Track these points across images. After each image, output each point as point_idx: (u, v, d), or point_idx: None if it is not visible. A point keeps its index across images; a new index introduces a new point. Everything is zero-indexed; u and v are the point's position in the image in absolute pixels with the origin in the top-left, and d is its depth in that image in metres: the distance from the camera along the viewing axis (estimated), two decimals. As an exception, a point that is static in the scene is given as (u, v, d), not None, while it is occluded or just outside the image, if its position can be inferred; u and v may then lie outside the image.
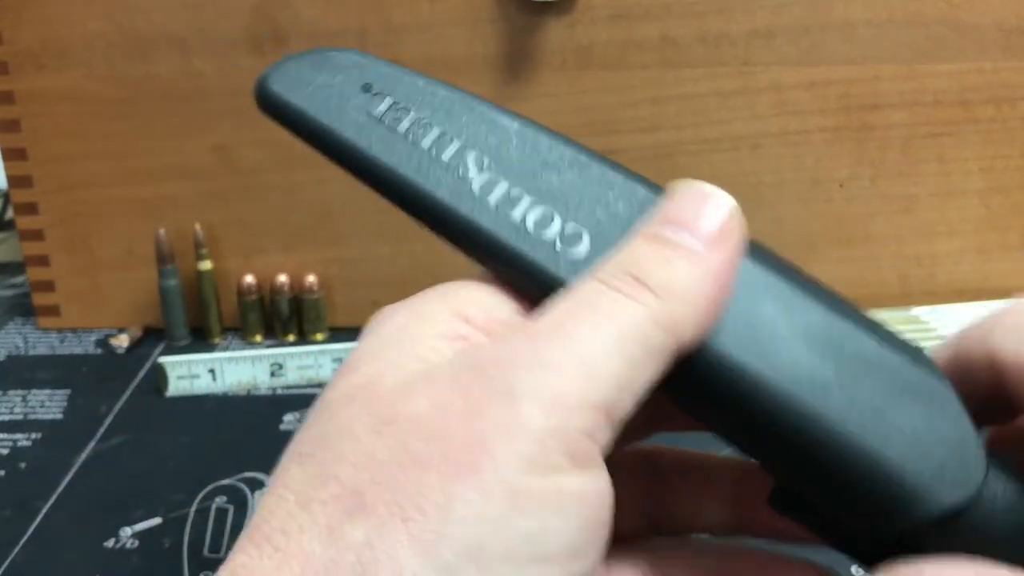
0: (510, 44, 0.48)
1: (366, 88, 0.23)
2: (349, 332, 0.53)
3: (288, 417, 0.45)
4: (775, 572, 0.24)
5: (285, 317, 0.52)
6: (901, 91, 0.48)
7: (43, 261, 0.53)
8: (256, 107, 0.24)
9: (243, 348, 0.52)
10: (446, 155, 0.22)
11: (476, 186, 0.21)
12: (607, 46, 0.48)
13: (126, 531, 0.37)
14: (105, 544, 0.36)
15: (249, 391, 0.48)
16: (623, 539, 0.21)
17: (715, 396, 0.20)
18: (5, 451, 0.43)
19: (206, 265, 0.52)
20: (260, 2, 0.48)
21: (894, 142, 0.49)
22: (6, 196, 0.70)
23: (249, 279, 0.52)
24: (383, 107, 0.23)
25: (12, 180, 0.52)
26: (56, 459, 0.42)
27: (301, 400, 0.47)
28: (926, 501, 0.19)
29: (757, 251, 0.22)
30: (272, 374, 0.48)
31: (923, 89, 0.48)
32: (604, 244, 0.20)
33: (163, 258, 0.51)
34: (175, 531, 0.37)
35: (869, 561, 0.20)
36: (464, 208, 0.21)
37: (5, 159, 0.52)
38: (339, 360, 0.48)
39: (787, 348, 0.20)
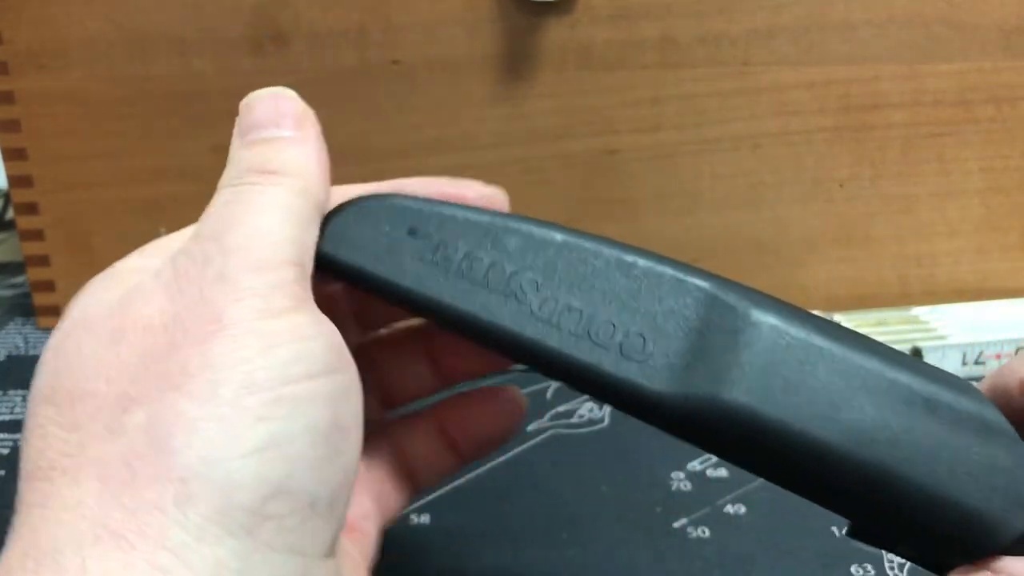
0: (510, 44, 0.48)
1: (412, 232, 0.24)
2: (349, 332, 0.53)
3: (288, 417, 0.45)
4: (477, 406, 0.29)
5: (285, 317, 0.52)
6: (901, 91, 0.48)
7: (43, 261, 0.53)
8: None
9: (243, 348, 0.52)
10: (500, 283, 0.23)
11: (535, 307, 0.22)
12: (607, 46, 0.48)
13: (126, 531, 0.37)
14: (105, 544, 0.36)
15: (249, 391, 0.48)
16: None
17: (791, 465, 0.21)
18: (5, 451, 0.43)
19: (206, 265, 0.52)
20: (260, 2, 0.48)
21: (894, 142, 0.49)
22: (6, 196, 0.70)
23: (249, 279, 0.52)
24: (432, 248, 0.24)
25: (12, 180, 0.52)
26: (56, 459, 0.42)
27: (301, 400, 0.47)
28: (1002, 530, 0.20)
29: (795, 316, 0.22)
30: (272, 374, 0.48)
31: (923, 89, 0.48)
32: (664, 340, 0.22)
33: (163, 258, 0.51)
34: (175, 531, 0.37)
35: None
36: (529, 331, 0.22)
37: (5, 159, 0.52)
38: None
39: (847, 408, 0.21)
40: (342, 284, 0.26)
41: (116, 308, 0.21)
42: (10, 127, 0.51)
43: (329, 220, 0.24)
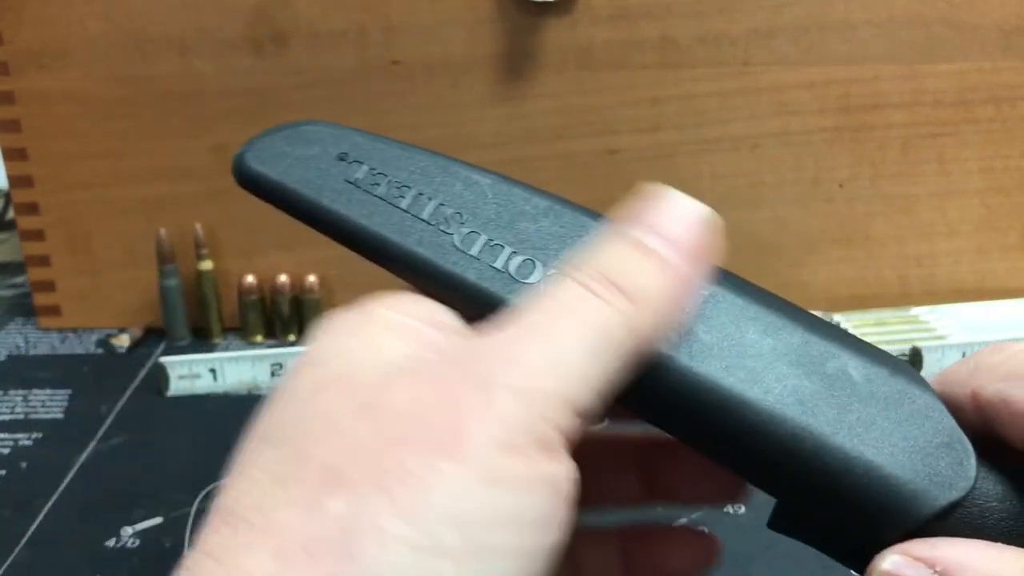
0: (510, 44, 0.48)
1: (342, 157, 0.24)
2: (349, 332, 0.53)
3: (288, 417, 0.45)
4: (674, 543, 0.27)
5: (285, 317, 0.52)
6: (901, 91, 0.48)
7: (44, 261, 0.53)
8: (237, 175, 0.25)
9: (244, 348, 0.52)
10: (425, 214, 0.23)
11: (457, 240, 0.22)
12: (607, 46, 0.48)
13: (127, 531, 0.37)
14: (106, 544, 0.36)
15: (250, 391, 0.48)
16: None
17: (706, 421, 0.21)
18: (6, 451, 0.43)
19: (206, 265, 0.52)
20: (260, 2, 0.48)
21: (894, 142, 0.49)
22: (7, 196, 0.70)
23: (249, 279, 0.52)
24: (360, 174, 0.24)
25: (13, 180, 0.52)
26: (57, 459, 0.42)
27: (301, 400, 0.47)
28: (923, 504, 0.19)
29: (731, 281, 0.22)
30: (273, 374, 0.48)
31: (923, 89, 0.48)
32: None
33: (163, 258, 0.51)
34: (176, 531, 0.37)
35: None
36: (447, 262, 0.22)
37: (6, 159, 0.52)
38: (339, 360, 0.48)
39: (773, 370, 0.21)
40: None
41: (382, 383, 0.19)
42: (10, 127, 0.51)
43: (262, 136, 0.24)
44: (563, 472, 0.19)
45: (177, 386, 0.47)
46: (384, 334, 0.21)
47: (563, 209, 0.23)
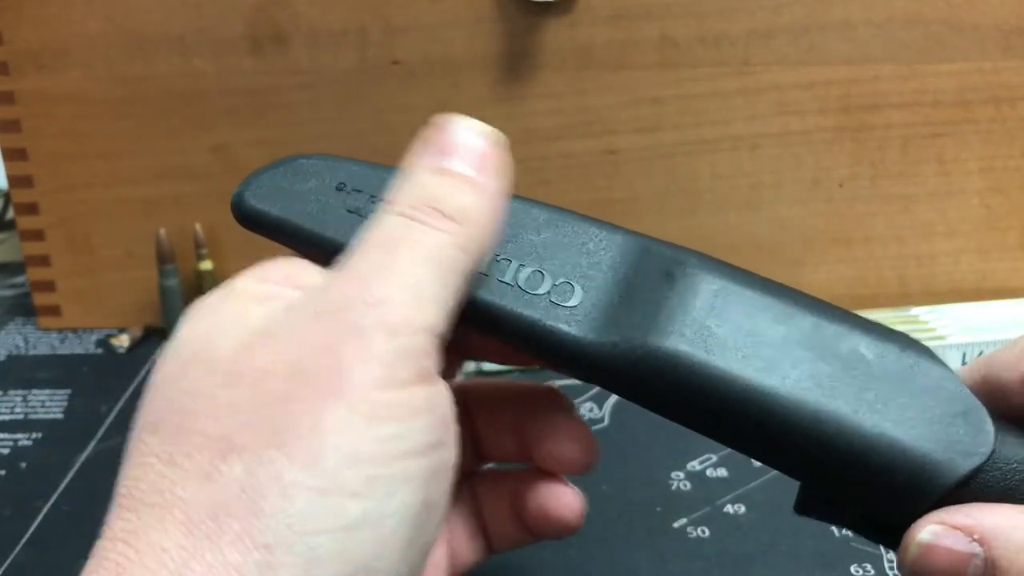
0: (510, 44, 0.48)
1: (340, 187, 0.25)
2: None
3: (288, 417, 0.45)
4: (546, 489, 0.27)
5: (285, 317, 0.52)
6: (901, 91, 0.48)
7: (43, 261, 0.53)
8: (238, 215, 0.26)
9: (243, 348, 0.52)
10: None
11: None
12: (607, 46, 0.48)
13: (126, 531, 0.37)
14: (105, 544, 0.36)
15: (249, 391, 0.48)
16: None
17: (728, 413, 0.21)
18: (6, 451, 0.43)
19: (206, 265, 0.52)
20: (260, 2, 0.48)
21: (894, 142, 0.49)
22: (6, 196, 0.70)
23: (249, 279, 0.52)
24: (359, 202, 0.24)
25: (12, 180, 0.52)
26: (56, 459, 0.42)
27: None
28: (946, 472, 0.20)
29: (738, 273, 0.23)
30: (272, 374, 0.48)
31: (923, 89, 0.48)
32: (593, 289, 0.22)
33: (163, 258, 0.51)
34: (175, 531, 0.37)
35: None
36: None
37: (5, 159, 0.52)
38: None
39: (788, 356, 0.21)
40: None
41: (240, 350, 0.20)
42: (10, 127, 0.51)
43: (259, 174, 0.25)
44: (440, 393, 0.20)
45: (177, 386, 0.47)
46: (243, 305, 0.21)
47: (561, 218, 0.24)
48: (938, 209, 0.51)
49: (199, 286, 0.52)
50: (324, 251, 0.23)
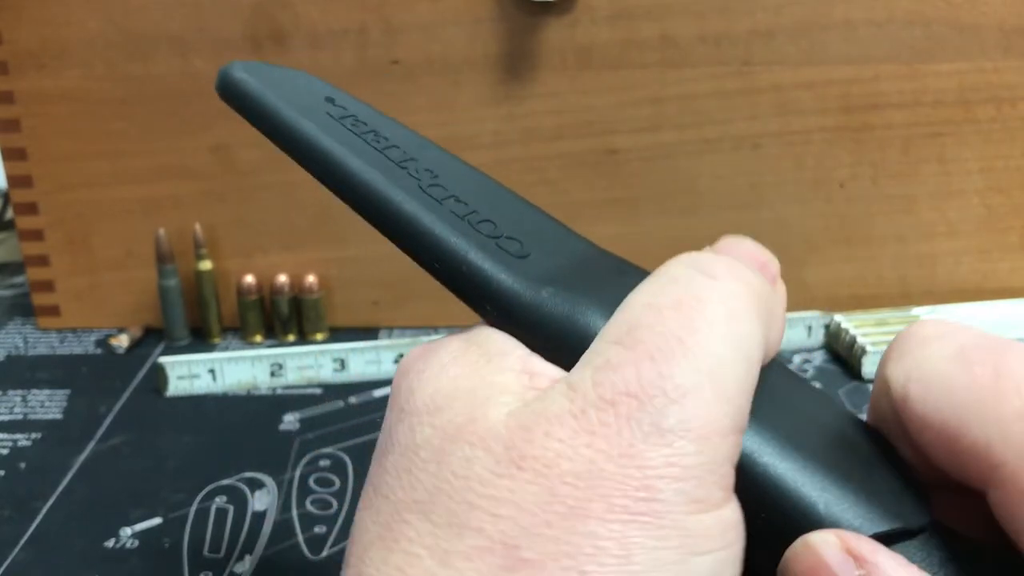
0: (510, 44, 0.48)
1: (329, 99, 0.24)
2: (349, 332, 0.53)
3: (288, 417, 0.45)
4: None
5: (285, 317, 0.52)
6: (901, 91, 0.48)
7: (43, 261, 0.53)
8: (220, 82, 0.24)
9: (243, 348, 0.52)
10: (398, 157, 0.22)
11: (424, 184, 0.22)
12: (607, 46, 0.48)
13: (126, 531, 0.37)
14: (105, 544, 0.36)
15: (249, 391, 0.48)
16: None
17: None
18: (5, 451, 0.43)
19: (206, 265, 0.52)
20: (260, 2, 0.48)
21: (894, 142, 0.49)
22: (6, 196, 0.70)
23: (249, 279, 0.52)
24: (343, 116, 0.23)
25: (12, 180, 0.52)
26: (56, 459, 0.42)
27: (301, 400, 0.47)
28: (868, 523, 0.18)
29: None
30: (272, 374, 0.48)
31: (923, 89, 0.48)
32: (541, 255, 0.21)
33: (163, 258, 0.51)
34: (175, 531, 0.37)
35: None
36: (412, 202, 0.21)
37: (5, 159, 0.52)
38: (339, 360, 0.48)
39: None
40: None
41: (515, 429, 0.17)
42: (10, 127, 0.51)
43: (252, 62, 0.24)
44: (738, 513, 0.17)
45: (176, 386, 0.47)
46: (499, 366, 0.18)
47: (529, 208, 0.23)
48: (939, 209, 0.51)
49: (199, 286, 0.52)
50: (293, 139, 0.22)
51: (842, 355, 0.49)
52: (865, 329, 0.48)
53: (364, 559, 0.17)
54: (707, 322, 0.17)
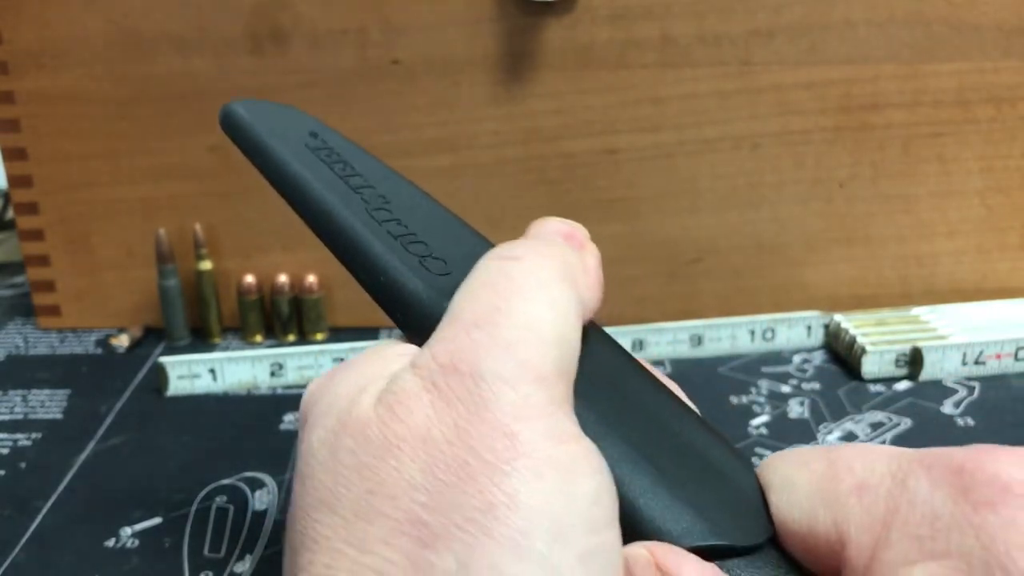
0: (510, 44, 0.48)
1: (312, 134, 0.28)
2: (349, 332, 0.53)
3: (288, 417, 0.45)
4: None
5: (285, 317, 0.52)
6: (901, 91, 0.48)
7: (43, 261, 0.53)
8: (223, 116, 0.29)
9: (243, 348, 0.52)
10: (360, 187, 0.26)
11: (371, 208, 0.25)
12: (607, 46, 0.48)
13: (126, 531, 0.37)
14: (105, 544, 0.36)
15: (249, 391, 0.48)
16: None
17: None
18: (5, 451, 0.43)
19: (206, 265, 0.52)
20: (260, 2, 0.48)
21: (894, 142, 0.49)
22: (6, 196, 0.70)
23: (249, 279, 0.52)
24: (320, 148, 0.27)
25: (12, 180, 0.52)
26: (56, 459, 0.42)
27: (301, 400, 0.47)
28: (697, 533, 0.18)
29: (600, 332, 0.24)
30: (272, 374, 0.48)
31: (923, 89, 0.48)
32: (461, 274, 0.23)
33: (163, 258, 0.51)
34: (175, 531, 0.37)
35: None
36: (359, 225, 0.24)
37: (5, 159, 0.52)
38: (339, 359, 0.48)
39: (627, 416, 0.21)
40: None
41: (383, 412, 0.18)
42: (10, 127, 0.51)
43: (250, 102, 0.28)
44: (593, 446, 0.18)
45: (176, 386, 0.47)
46: (369, 362, 0.21)
47: (452, 219, 0.26)
48: (939, 209, 0.51)
49: (199, 286, 0.52)
50: (279, 176, 0.26)
51: (842, 355, 0.49)
52: (865, 329, 0.48)
53: (296, 564, 0.18)
54: (518, 290, 0.19)
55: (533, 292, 0.19)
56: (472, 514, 0.16)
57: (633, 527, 0.18)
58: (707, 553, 0.18)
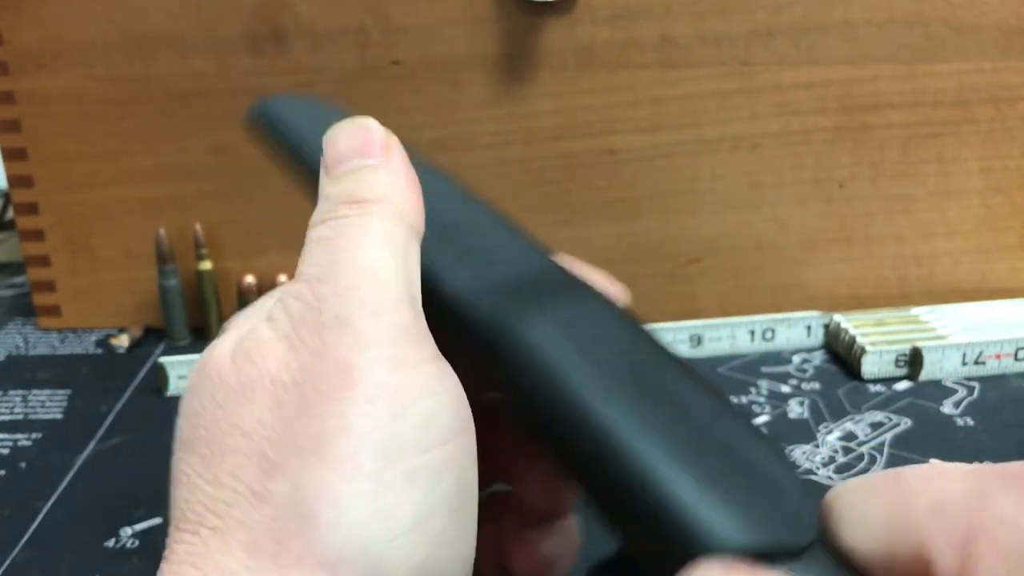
0: (510, 44, 0.48)
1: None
2: (349, 332, 0.53)
3: (288, 417, 0.45)
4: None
5: (285, 317, 0.52)
6: (901, 91, 0.48)
7: (43, 261, 0.53)
8: (252, 110, 0.28)
9: (243, 348, 0.52)
10: None
11: None
12: (607, 46, 0.48)
13: (126, 531, 0.37)
14: (105, 544, 0.36)
15: (249, 391, 0.48)
16: None
17: (553, 423, 0.20)
18: (5, 451, 0.43)
19: (206, 265, 0.52)
20: (260, 2, 0.48)
21: (894, 142, 0.49)
22: (6, 196, 0.70)
23: (249, 279, 0.52)
24: None
25: (12, 180, 0.52)
26: (56, 459, 0.42)
27: (301, 400, 0.47)
28: (721, 539, 0.18)
29: (619, 310, 0.23)
30: (272, 374, 0.48)
31: (923, 89, 0.48)
32: (492, 270, 0.23)
33: (163, 258, 0.51)
34: (175, 531, 0.37)
35: None
36: None
37: (5, 159, 0.52)
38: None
39: (631, 386, 0.20)
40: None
41: (239, 359, 0.20)
42: (10, 127, 0.51)
43: (281, 96, 0.28)
44: (449, 372, 0.20)
45: (177, 386, 0.47)
46: (237, 324, 0.22)
47: (484, 211, 0.26)
48: (938, 209, 0.51)
49: (199, 286, 0.52)
50: (300, 161, 0.26)
51: (841, 355, 0.49)
52: (864, 329, 0.48)
53: (170, 502, 0.20)
54: (350, 241, 0.21)
55: (364, 239, 0.21)
56: (306, 442, 0.18)
57: (681, 528, 0.18)
58: (763, 557, 0.18)
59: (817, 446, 0.41)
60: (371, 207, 0.21)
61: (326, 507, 0.17)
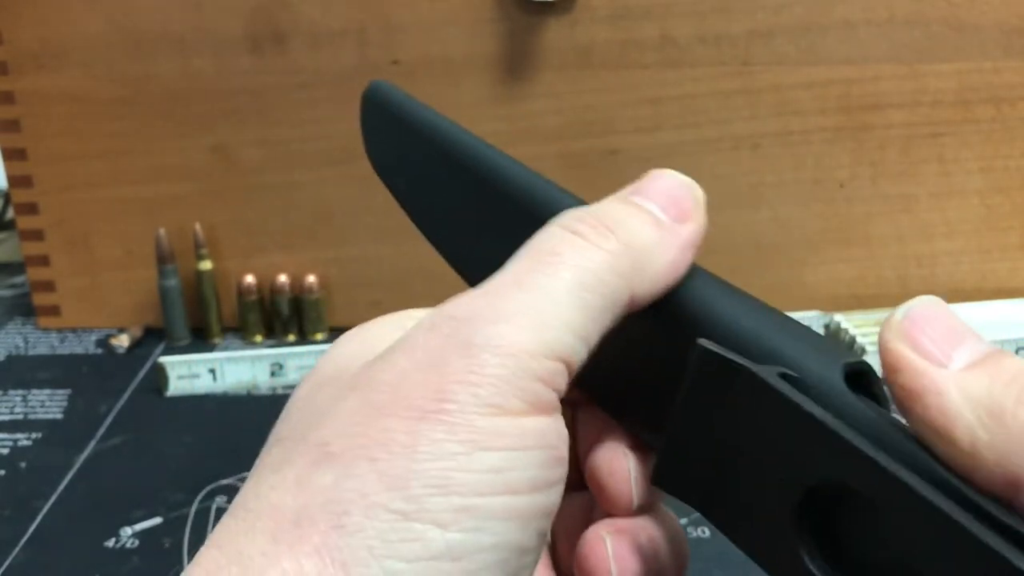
0: (510, 44, 0.48)
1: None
2: (349, 332, 0.53)
3: (288, 417, 0.45)
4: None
5: (285, 317, 0.52)
6: (901, 91, 0.48)
7: (43, 261, 0.53)
8: (371, 88, 0.29)
9: (243, 348, 0.52)
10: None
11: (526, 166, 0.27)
12: (607, 46, 0.48)
13: (126, 531, 0.37)
14: (105, 544, 0.36)
15: (249, 391, 0.48)
16: None
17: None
18: (5, 451, 0.43)
19: (206, 265, 0.52)
20: (260, 2, 0.48)
21: (894, 142, 0.49)
22: (6, 196, 0.70)
23: (249, 279, 0.52)
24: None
25: (12, 180, 0.52)
26: (56, 459, 0.42)
27: (301, 400, 0.47)
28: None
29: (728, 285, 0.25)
30: (272, 374, 0.48)
31: (923, 89, 0.48)
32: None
33: (163, 258, 0.51)
34: (175, 531, 0.37)
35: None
36: (524, 174, 0.26)
37: (5, 159, 0.52)
38: (339, 360, 0.48)
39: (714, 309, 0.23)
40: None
41: (368, 364, 0.19)
42: (10, 127, 0.51)
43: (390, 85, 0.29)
44: (556, 430, 0.19)
45: (176, 386, 0.47)
46: (378, 331, 0.21)
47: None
48: (938, 209, 0.51)
49: (199, 286, 0.52)
50: (456, 150, 0.28)
51: (842, 355, 0.49)
52: (865, 329, 0.48)
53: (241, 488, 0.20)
54: (550, 268, 0.19)
55: (567, 272, 0.19)
56: (368, 444, 0.18)
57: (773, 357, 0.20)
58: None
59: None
60: (610, 243, 0.20)
61: (357, 510, 0.17)
